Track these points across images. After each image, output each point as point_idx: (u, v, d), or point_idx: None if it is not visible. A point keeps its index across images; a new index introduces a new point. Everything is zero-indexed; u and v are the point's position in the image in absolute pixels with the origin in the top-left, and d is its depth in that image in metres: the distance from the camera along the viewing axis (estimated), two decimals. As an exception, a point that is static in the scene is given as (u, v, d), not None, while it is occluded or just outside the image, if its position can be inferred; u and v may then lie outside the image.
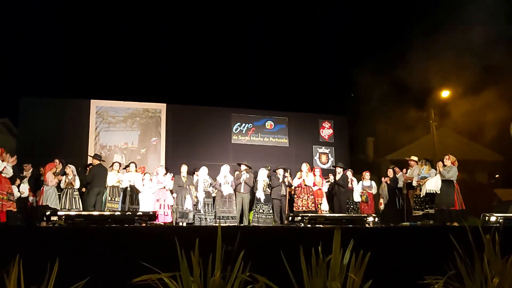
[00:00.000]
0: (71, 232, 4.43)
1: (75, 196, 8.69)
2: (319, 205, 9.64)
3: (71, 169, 8.87)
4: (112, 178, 9.07)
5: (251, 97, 13.52)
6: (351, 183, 9.94)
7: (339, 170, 10.08)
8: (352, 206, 9.81)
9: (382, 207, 9.93)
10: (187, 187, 9.14)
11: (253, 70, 13.05)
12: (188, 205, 9.00)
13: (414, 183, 8.98)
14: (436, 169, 8.65)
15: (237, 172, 10.20)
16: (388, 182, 9.87)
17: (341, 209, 9.56)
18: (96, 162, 9.17)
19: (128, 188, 8.95)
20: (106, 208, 8.76)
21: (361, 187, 10.05)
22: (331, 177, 10.11)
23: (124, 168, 9.81)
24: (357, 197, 9.88)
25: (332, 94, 13.56)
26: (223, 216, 9.17)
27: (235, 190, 9.55)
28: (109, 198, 8.93)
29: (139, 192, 9.22)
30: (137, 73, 12.20)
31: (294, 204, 9.57)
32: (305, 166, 9.84)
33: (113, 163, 9.43)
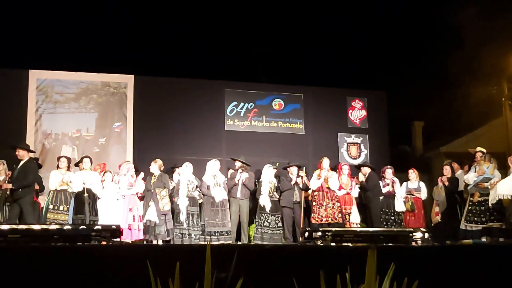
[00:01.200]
0: (2, 254, 4.47)
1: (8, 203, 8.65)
2: (347, 216, 9.76)
3: (4, 166, 8.90)
4: (56, 179, 9.14)
5: (252, 66, 13.33)
6: (392, 185, 10.05)
7: (366, 170, 10.27)
8: (393, 218, 9.94)
9: (438, 218, 10.02)
10: (153, 190, 9.25)
11: (254, 25, 12.91)
12: (150, 216, 9.08)
13: (471, 187, 9.05)
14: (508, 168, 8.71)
15: (231, 171, 10.32)
16: (445, 183, 9.90)
17: (373, 222, 9.71)
18: (25, 154, 8.63)
19: (86, 194, 9.05)
20: (46, 221, 8.86)
21: (405, 191, 10.15)
22: (355, 179, 10.24)
23: (76, 165, 9.85)
24: (400, 205, 9.97)
25: (365, 60, 13.39)
26: (214, 232, 9.29)
27: (229, 195, 9.65)
28: (51, 207, 9.02)
29: (97, 198, 9.33)
30: (93, 32, 12.18)
31: (312, 215, 9.69)
32: (326, 162, 9.89)
33: (59, 158, 9.48)
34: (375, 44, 13.11)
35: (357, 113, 12.68)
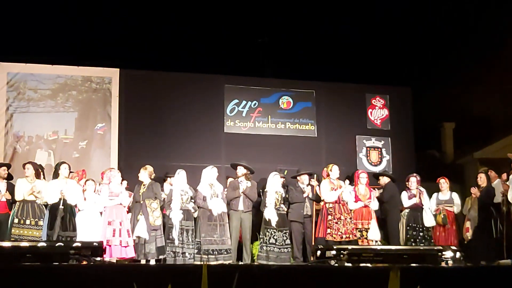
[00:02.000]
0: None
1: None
2: (365, 232, 9.86)
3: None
4: (23, 189, 9.19)
5: (256, 58, 13.25)
6: (419, 197, 10.13)
7: (385, 180, 10.38)
8: (422, 234, 10.02)
9: (469, 234, 10.06)
10: (143, 202, 9.33)
11: (258, 10, 12.83)
12: (140, 232, 9.14)
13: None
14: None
15: (230, 179, 10.38)
16: (477, 194, 9.98)
17: (390, 239, 9.77)
18: None
19: (61, 206, 9.06)
20: (11, 237, 8.89)
21: (435, 203, 10.26)
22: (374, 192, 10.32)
23: (53, 174, 9.77)
24: (429, 219, 10.04)
25: (388, 50, 13.23)
26: (212, 250, 9.32)
27: (229, 207, 9.74)
28: (17, 221, 9.08)
29: (76, 210, 9.38)
30: (73, 18, 12.13)
31: (329, 230, 9.73)
32: (336, 171, 9.99)
33: (24, 165, 9.50)
34: (399, 31, 13.02)
35: (378, 112, 12.77)
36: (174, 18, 11.78)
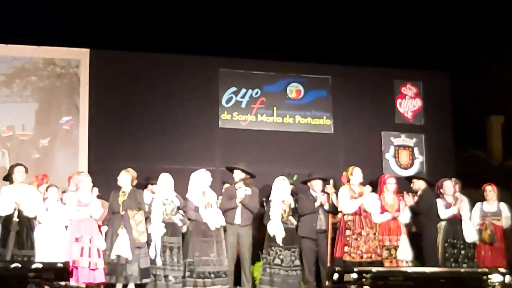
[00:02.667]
0: None
1: None
2: (393, 251, 9.75)
3: None
4: None
5: (258, 37, 13.33)
6: (459, 207, 10.08)
7: (420, 185, 10.28)
8: (463, 252, 9.97)
9: (517, 253, 10.17)
10: (124, 213, 9.29)
11: None
12: (121, 250, 9.13)
13: None
14: None
15: (226, 185, 10.42)
16: None
17: (425, 258, 9.76)
18: None
19: (15, 219, 9.01)
20: None
21: (479, 215, 10.27)
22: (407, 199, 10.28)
23: (5, 179, 9.75)
24: (470, 234, 10.04)
25: (421, 28, 13.12)
26: (208, 273, 9.35)
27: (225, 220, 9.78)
28: None
29: (37, 224, 9.33)
30: None
31: (346, 249, 9.65)
32: (358, 174, 9.94)
33: None
34: (434, 4, 12.91)
35: (409, 103, 12.78)
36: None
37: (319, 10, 12.53)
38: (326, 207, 10.02)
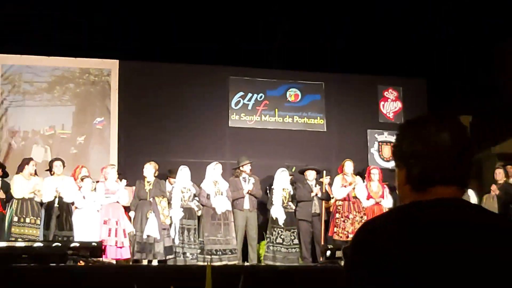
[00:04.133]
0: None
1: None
2: None
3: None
4: (22, 186, 9.56)
5: (262, 48, 13.19)
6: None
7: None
8: None
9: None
10: (152, 199, 9.81)
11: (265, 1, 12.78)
12: (151, 231, 9.56)
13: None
14: None
15: (230, 178, 10.77)
16: (496, 192, 10.42)
17: None
18: None
19: (56, 204, 9.57)
20: (11, 237, 9.25)
21: None
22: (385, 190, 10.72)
23: (47, 170, 10.35)
24: None
25: (401, 39, 13.08)
26: (215, 250, 9.82)
27: (233, 206, 10.23)
28: (16, 220, 9.45)
29: (74, 209, 9.89)
30: (70, 6, 12.13)
31: (335, 229, 10.25)
32: (349, 166, 10.55)
33: (24, 161, 9.90)
34: (413, 19, 12.86)
35: (390, 105, 13.23)
36: (177, 8, 11.88)
37: (314, 26, 12.82)
38: (319, 195, 10.59)
